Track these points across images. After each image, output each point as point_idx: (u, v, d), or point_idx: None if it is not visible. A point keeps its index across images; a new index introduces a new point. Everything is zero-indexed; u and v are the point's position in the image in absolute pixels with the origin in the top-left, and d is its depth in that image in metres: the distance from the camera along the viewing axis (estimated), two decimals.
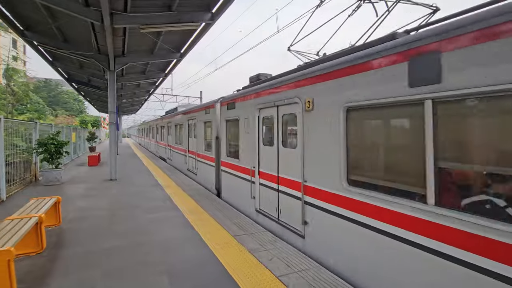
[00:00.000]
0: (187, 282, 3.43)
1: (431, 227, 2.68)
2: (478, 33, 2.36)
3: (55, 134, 9.37)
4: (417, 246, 2.80)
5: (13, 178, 8.17)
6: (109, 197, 7.74)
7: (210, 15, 7.38)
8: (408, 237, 2.89)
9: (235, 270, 3.71)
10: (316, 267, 3.81)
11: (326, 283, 3.40)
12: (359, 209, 3.49)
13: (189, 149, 11.59)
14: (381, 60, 3.24)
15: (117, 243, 4.56)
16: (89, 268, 3.74)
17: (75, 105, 61.19)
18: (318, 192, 4.21)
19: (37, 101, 40.42)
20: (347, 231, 3.67)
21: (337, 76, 3.86)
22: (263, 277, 3.54)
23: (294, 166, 4.76)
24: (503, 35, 2.20)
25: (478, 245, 2.34)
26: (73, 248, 4.37)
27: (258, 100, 5.87)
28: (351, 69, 3.63)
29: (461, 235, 2.46)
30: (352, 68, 3.61)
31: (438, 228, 2.63)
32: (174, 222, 5.68)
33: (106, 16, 6.01)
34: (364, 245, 3.42)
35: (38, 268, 3.70)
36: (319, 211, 4.18)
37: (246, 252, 4.26)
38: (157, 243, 4.62)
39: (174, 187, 9.16)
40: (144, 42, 9.47)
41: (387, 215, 3.13)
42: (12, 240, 3.22)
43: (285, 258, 4.08)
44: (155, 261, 3.96)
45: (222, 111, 7.87)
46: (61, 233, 4.98)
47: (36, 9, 7.17)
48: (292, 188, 4.85)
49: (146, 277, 3.53)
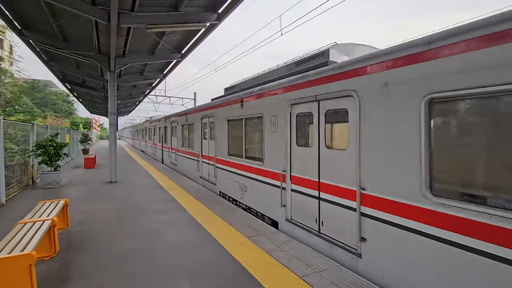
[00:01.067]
0: (210, 282, 3.39)
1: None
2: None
3: (53, 136, 9.14)
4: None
5: (10, 181, 7.92)
6: (113, 199, 7.59)
7: (216, 15, 7.36)
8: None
9: (257, 271, 3.69)
10: (336, 266, 3.83)
11: (349, 282, 3.42)
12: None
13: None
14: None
15: (130, 246, 4.47)
16: (107, 271, 3.66)
17: (64, 106, 59.75)
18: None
19: (24, 102, 39.29)
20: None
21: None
22: (285, 277, 3.53)
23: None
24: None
25: None
26: (87, 251, 4.26)
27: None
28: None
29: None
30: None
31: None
32: (184, 223, 5.61)
33: (114, 16, 5.91)
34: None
35: (54, 273, 3.59)
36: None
37: (263, 253, 4.25)
38: (171, 245, 4.56)
39: (177, 188, 9.06)
40: (146, 42, 9.36)
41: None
42: (31, 244, 3.12)
43: (303, 258, 4.09)
44: (173, 263, 3.90)
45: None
46: (71, 237, 4.85)
47: (37, 7, 7.00)
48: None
49: (167, 279, 3.48)
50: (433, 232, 2.92)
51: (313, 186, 4.73)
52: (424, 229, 3.01)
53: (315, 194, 4.70)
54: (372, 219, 3.64)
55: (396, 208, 3.33)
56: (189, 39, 9.63)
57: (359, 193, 3.81)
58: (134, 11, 6.53)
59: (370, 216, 3.66)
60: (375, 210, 3.59)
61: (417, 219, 3.09)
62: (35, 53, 10.37)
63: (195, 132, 10.83)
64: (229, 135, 7.93)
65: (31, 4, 6.87)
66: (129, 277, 3.50)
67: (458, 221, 2.71)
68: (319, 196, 4.62)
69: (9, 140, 8.76)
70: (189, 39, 9.59)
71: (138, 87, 18.31)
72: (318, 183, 4.63)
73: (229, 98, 7.83)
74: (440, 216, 2.86)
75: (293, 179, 5.21)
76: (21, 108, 34.65)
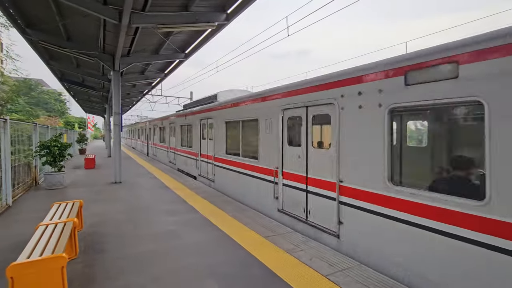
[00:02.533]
0: (238, 283, 3.41)
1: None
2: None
3: (57, 136, 9.01)
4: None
5: (13, 182, 7.78)
6: (121, 200, 7.54)
7: (225, 15, 7.36)
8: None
9: (281, 271, 3.72)
10: (358, 265, 3.89)
11: (374, 281, 3.48)
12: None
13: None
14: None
15: (150, 247, 4.46)
16: (132, 273, 3.65)
17: (57, 105, 58.65)
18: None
19: (17, 101, 38.46)
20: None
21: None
22: (310, 277, 3.57)
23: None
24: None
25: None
26: (106, 253, 4.23)
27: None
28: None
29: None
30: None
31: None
32: (198, 224, 5.61)
33: (126, 15, 5.85)
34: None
35: (79, 275, 3.56)
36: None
37: (283, 253, 4.28)
38: (190, 245, 4.56)
39: (184, 189, 9.03)
40: (152, 41, 9.30)
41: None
42: (60, 246, 3.09)
43: (324, 257, 4.13)
44: (196, 264, 3.91)
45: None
46: (87, 238, 4.81)
47: (44, 6, 6.90)
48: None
49: (194, 281, 3.48)
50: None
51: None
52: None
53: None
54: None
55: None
56: (194, 39, 9.60)
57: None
58: (145, 11, 6.48)
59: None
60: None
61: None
62: (36, 52, 10.20)
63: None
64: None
65: (38, 3, 6.77)
66: (156, 279, 3.49)
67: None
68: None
69: (14, 141, 8.62)
70: (194, 39, 9.57)
71: (137, 87, 18.15)
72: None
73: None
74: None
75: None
76: (13, 107, 33.95)
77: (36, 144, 8.93)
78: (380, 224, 3.90)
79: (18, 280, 2.63)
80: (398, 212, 3.66)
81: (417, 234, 3.44)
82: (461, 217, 3.03)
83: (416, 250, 3.45)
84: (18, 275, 2.63)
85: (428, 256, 3.33)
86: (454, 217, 3.09)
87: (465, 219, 3.00)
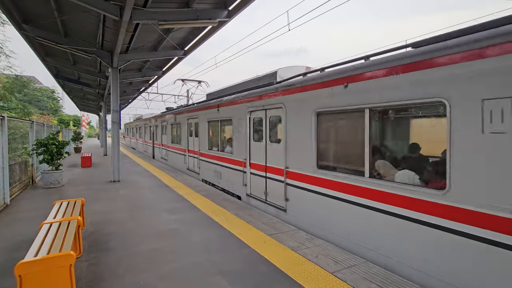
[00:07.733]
0: (246, 280, 3.41)
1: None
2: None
3: (55, 134, 8.87)
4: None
5: (10, 180, 7.64)
6: (121, 199, 7.47)
7: (227, 12, 7.31)
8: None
9: (288, 268, 3.73)
10: (364, 262, 3.91)
11: (380, 277, 3.51)
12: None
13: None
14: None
15: (155, 246, 4.42)
16: (139, 271, 3.62)
17: (49, 103, 57.71)
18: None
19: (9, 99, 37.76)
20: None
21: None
22: (317, 274, 3.59)
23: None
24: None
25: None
26: (111, 251, 4.19)
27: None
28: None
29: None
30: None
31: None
32: (201, 222, 5.59)
33: (128, 11, 5.77)
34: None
35: (85, 273, 3.53)
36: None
37: (289, 250, 4.29)
38: (195, 243, 4.54)
39: (184, 187, 8.98)
40: (151, 38, 9.19)
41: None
42: (66, 244, 3.05)
43: (329, 255, 4.15)
44: (203, 262, 3.89)
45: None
46: (90, 237, 4.76)
47: (42, 1, 6.77)
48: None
49: (202, 278, 3.46)
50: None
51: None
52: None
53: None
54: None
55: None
56: (194, 36, 9.52)
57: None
58: (146, 7, 6.41)
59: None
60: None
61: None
62: (32, 48, 10.02)
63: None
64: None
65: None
66: (163, 277, 3.47)
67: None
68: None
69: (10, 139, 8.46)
70: (194, 36, 9.49)
71: (134, 84, 17.97)
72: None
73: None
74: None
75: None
76: (6, 105, 33.33)
77: (33, 142, 8.78)
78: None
79: (27, 278, 2.58)
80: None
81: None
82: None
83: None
84: (26, 273, 2.58)
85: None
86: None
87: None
